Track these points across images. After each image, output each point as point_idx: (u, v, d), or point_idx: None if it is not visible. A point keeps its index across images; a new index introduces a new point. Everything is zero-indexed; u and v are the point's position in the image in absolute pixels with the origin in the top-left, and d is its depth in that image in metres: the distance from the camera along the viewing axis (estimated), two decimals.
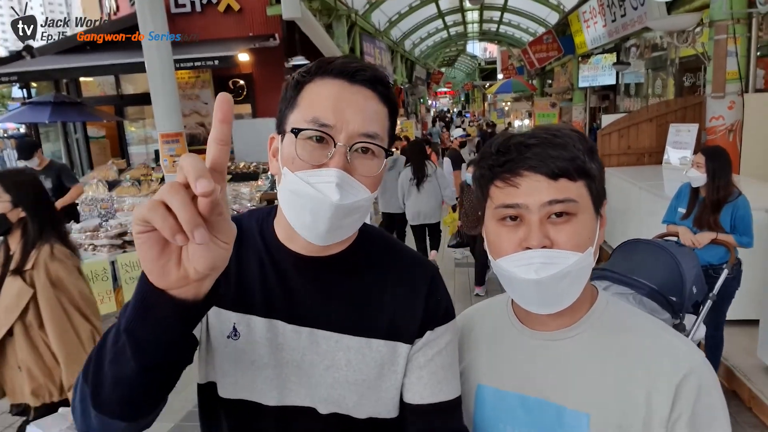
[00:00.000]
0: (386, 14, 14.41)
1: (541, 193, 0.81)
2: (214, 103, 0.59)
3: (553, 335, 0.91)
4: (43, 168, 5.46)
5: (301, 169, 0.81)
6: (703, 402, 0.80)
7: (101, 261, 4.52)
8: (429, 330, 0.91)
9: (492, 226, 0.88)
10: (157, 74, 5.56)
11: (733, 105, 5.36)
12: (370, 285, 0.91)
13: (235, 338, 0.89)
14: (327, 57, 0.89)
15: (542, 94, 18.69)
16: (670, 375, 0.81)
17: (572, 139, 0.83)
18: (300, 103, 0.84)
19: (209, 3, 9.47)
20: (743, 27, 5.28)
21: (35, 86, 10.67)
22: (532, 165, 0.81)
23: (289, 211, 0.84)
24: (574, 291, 0.85)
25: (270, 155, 0.91)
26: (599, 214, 0.87)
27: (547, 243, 0.81)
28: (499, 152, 0.85)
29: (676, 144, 5.80)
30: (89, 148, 10.65)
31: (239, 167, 8.17)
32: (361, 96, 0.84)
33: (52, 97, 8.53)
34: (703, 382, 0.81)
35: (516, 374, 0.92)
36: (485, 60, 38.17)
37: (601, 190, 0.86)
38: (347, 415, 0.89)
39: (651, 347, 0.85)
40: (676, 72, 8.79)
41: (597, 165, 0.85)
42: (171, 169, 5.81)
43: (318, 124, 0.81)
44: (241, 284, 0.90)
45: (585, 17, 10.74)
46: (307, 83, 0.85)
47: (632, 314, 0.92)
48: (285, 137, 0.85)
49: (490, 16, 19.45)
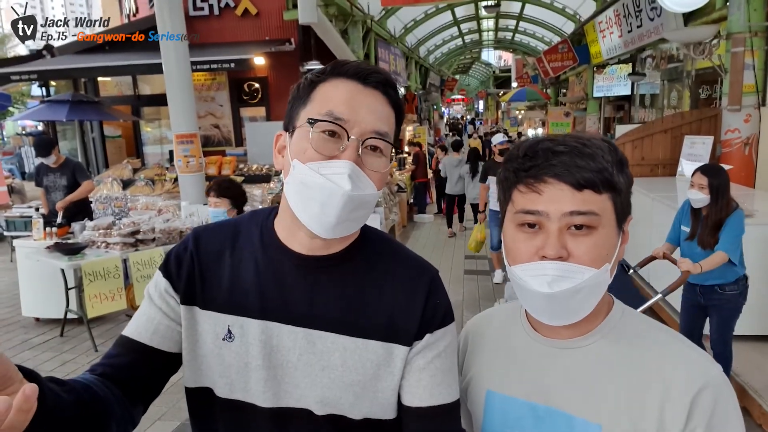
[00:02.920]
0: (402, 21, 14.46)
1: (564, 202, 0.79)
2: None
3: (566, 344, 0.89)
4: (59, 165, 5.54)
5: (312, 161, 0.83)
6: (719, 417, 0.78)
7: (114, 258, 4.57)
8: (428, 333, 0.90)
9: (510, 230, 0.86)
10: (174, 75, 5.64)
11: (749, 118, 5.30)
12: (369, 286, 0.91)
13: (229, 340, 0.89)
14: (341, 59, 0.91)
15: (556, 103, 18.60)
16: (685, 388, 0.79)
17: (602, 150, 0.81)
18: (314, 100, 0.86)
19: (227, 6, 9.58)
20: (761, 40, 5.23)
21: (54, 85, 10.85)
22: (558, 173, 0.79)
23: (297, 202, 0.85)
24: (587, 306, 0.83)
25: (275, 152, 0.93)
26: (622, 230, 0.84)
27: (564, 254, 0.79)
28: (526, 156, 0.83)
29: (690, 156, 5.75)
30: (105, 147, 10.79)
31: (252, 169, 8.22)
32: (373, 98, 0.87)
33: (70, 95, 8.68)
34: (720, 396, 0.79)
35: (527, 382, 0.91)
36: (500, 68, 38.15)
37: (626, 205, 0.84)
38: (343, 416, 0.89)
39: (666, 359, 0.83)
40: (691, 84, 8.72)
41: (625, 178, 0.83)
42: (185, 169, 5.87)
43: (333, 116, 0.83)
44: (235, 287, 0.91)
45: (601, 27, 10.70)
46: (321, 83, 0.87)
47: (648, 325, 0.90)
48: (297, 131, 0.87)
49: (505, 24, 19.45)
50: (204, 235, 0.97)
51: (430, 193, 11.40)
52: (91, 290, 4.43)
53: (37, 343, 4.80)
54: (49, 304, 5.07)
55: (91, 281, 4.42)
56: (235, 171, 8.40)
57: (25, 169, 15.95)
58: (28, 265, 5.04)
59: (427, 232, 9.42)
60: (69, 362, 4.38)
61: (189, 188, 5.92)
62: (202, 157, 6.10)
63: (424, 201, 10.80)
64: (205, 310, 0.92)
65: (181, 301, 0.92)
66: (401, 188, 9.70)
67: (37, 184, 5.79)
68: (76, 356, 4.49)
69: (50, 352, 4.60)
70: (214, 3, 9.55)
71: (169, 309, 0.92)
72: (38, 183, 5.70)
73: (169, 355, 0.92)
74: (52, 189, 5.59)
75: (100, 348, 4.59)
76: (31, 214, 6.21)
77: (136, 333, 0.91)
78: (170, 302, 0.93)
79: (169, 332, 0.92)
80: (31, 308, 5.24)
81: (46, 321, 5.24)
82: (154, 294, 0.93)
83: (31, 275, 5.11)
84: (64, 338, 4.89)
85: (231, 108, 9.83)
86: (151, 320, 0.92)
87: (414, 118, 16.59)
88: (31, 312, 5.26)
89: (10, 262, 7.47)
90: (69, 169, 5.55)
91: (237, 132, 9.98)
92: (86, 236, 4.84)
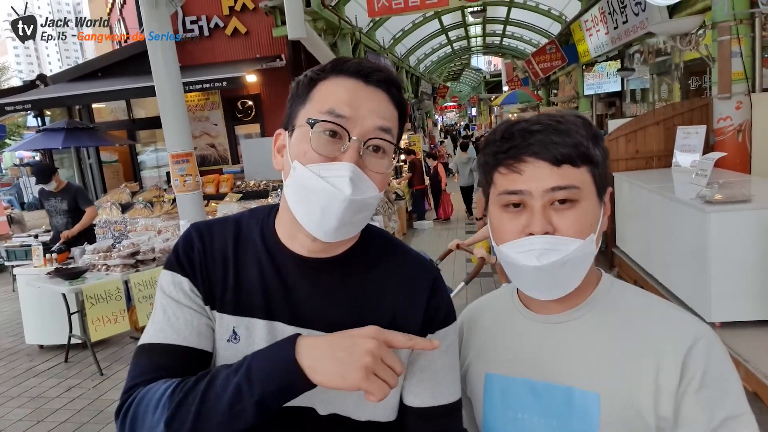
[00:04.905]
0: (390, 32, 14.56)
1: (544, 179, 0.81)
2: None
3: (558, 318, 0.91)
4: (60, 190, 5.57)
5: (313, 162, 0.80)
6: (713, 370, 0.79)
7: (114, 280, 4.57)
8: (430, 333, 0.90)
9: (495, 212, 0.88)
10: (167, 96, 5.66)
11: (740, 105, 5.32)
12: (372, 286, 0.91)
13: (235, 341, 0.88)
14: (341, 57, 0.89)
15: (548, 104, 18.69)
16: (676, 347, 0.81)
17: (576, 126, 0.83)
18: (314, 98, 0.84)
19: (216, 27, 9.66)
20: (746, 27, 5.26)
21: (49, 114, 10.91)
22: (535, 151, 0.82)
23: (298, 205, 0.83)
24: (576, 277, 0.85)
25: (274, 151, 0.91)
26: (603, 201, 0.87)
27: (550, 229, 0.81)
28: (504, 138, 0.85)
29: (684, 147, 5.76)
30: (102, 172, 10.82)
31: (249, 185, 8.24)
32: (376, 96, 0.84)
33: (65, 123, 8.73)
34: (711, 350, 0.81)
35: (523, 360, 0.92)
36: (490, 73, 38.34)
37: (605, 177, 0.86)
38: (347, 416, 0.88)
39: (657, 323, 0.85)
40: (681, 76, 8.77)
41: (601, 151, 0.85)
42: (182, 188, 5.87)
43: (334, 114, 0.80)
44: (240, 288, 0.89)
45: (587, 26, 10.78)
46: (321, 80, 0.85)
47: (636, 293, 0.92)
48: (296, 131, 0.85)
49: (492, 29, 19.58)
50: (206, 232, 0.93)
51: (428, 200, 11.42)
52: (93, 313, 4.43)
53: (41, 371, 4.78)
54: (52, 331, 5.06)
55: (93, 304, 4.41)
56: (232, 188, 8.42)
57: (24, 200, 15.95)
58: (29, 292, 5.04)
59: (427, 238, 9.43)
60: (74, 387, 4.36)
61: (187, 207, 5.91)
62: (199, 176, 6.10)
63: (422, 208, 10.82)
64: (213, 310, 0.90)
65: (204, 301, 0.90)
66: (399, 196, 9.72)
67: (39, 207, 5.87)
68: (81, 381, 4.47)
69: (55, 379, 4.58)
70: (203, 24, 9.64)
71: (199, 307, 0.89)
72: (41, 206, 5.78)
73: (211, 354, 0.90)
74: (54, 213, 5.63)
75: (105, 371, 4.57)
76: (31, 243, 6.22)
77: (180, 338, 0.85)
78: (197, 301, 0.89)
79: (209, 331, 0.89)
80: (34, 336, 5.23)
81: (50, 347, 5.22)
82: (178, 295, 0.88)
83: (33, 302, 5.11)
84: (69, 364, 4.87)
85: (226, 126, 9.88)
86: (189, 323, 0.87)
87: (408, 127, 16.66)
88: (35, 339, 5.25)
89: (12, 291, 7.47)
90: (70, 194, 5.58)
91: (233, 150, 10.02)
92: (86, 260, 4.84)
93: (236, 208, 6.94)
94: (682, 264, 4.16)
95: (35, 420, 3.86)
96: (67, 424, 3.76)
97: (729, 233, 3.64)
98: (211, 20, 9.64)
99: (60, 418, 3.85)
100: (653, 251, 4.84)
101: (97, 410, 3.93)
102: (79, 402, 4.09)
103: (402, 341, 0.77)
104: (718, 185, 3.90)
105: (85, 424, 3.75)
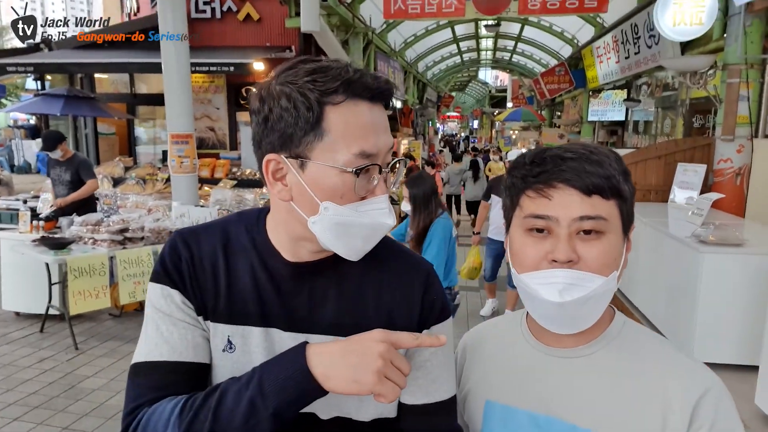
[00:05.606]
0: (402, 35, 14.57)
1: (573, 207, 0.80)
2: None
3: (568, 352, 0.90)
4: (66, 160, 5.50)
5: (351, 202, 0.80)
6: (721, 422, 0.79)
7: (100, 255, 4.51)
8: (426, 329, 0.90)
9: (518, 235, 0.87)
10: (174, 75, 5.61)
11: (742, 149, 5.37)
12: (366, 286, 0.90)
13: (230, 351, 0.87)
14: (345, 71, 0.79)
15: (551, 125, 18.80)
16: (686, 395, 0.80)
17: (609, 158, 0.83)
18: (332, 131, 0.78)
19: (229, 11, 9.60)
20: (756, 72, 5.32)
21: (50, 79, 10.77)
22: (567, 178, 0.81)
23: (335, 240, 0.82)
24: (596, 314, 0.84)
25: (269, 178, 0.83)
26: (627, 238, 0.86)
27: (574, 257, 0.80)
28: (534, 163, 0.85)
29: (682, 183, 5.79)
30: (98, 144, 10.70)
31: (245, 174, 8.19)
32: (381, 114, 0.84)
33: (66, 90, 8.61)
34: (721, 402, 0.80)
35: (527, 391, 0.91)
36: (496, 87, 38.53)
37: (631, 214, 0.86)
38: (349, 418, 0.88)
39: (668, 369, 0.84)
40: (685, 112, 8.84)
41: (630, 188, 0.85)
42: (178, 170, 5.82)
43: (366, 155, 0.79)
44: (233, 296, 0.87)
45: (598, 52, 10.85)
46: (330, 104, 0.78)
47: (648, 336, 0.92)
48: (316, 168, 0.79)
49: (504, 44, 19.66)
50: (193, 240, 0.90)
51: None
52: (75, 286, 4.36)
53: (15, 338, 4.70)
54: (30, 299, 4.98)
55: (76, 277, 4.34)
56: (228, 175, 8.36)
57: (14, 162, 15.76)
58: (12, 257, 4.95)
59: None
60: (47, 359, 4.29)
61: (181, 189, 5.86)
62: (197, 158, 6.05)
63: None
64: (206, 321, 0.88)
65: (196, 312, 0.88)
66: (394, 201, 9.71)
67: (47, 174, 5.82)
68: (55, 353, 4.40)
69: (29, 348, 4.50)
70: (216, 6, 9.57)
71: (193, 320, 0.87)
72: (48, 174, 5.71)
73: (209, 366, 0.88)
74: (57, 183, 5.58)
75: (80, 346, 4.50)
76: (18, 207, 6.12)
77: (177, 354, 0.83)
78: (190, 313, 0.87)
79: (205, 343, 0.87)
80: (12, 302, 5.15)
81: (27, 316, 5.14)
82: (170, 309, 0.86)
83: (14, 268, 5.02)
84: (44, 334, 4.80)
85: (228, 111, 9.80)
86: (183, 337, 0.85)
87: (410, 132, 16.65)
88: (12, 306, 5.16)
89: None
90: (74, 165, 5.51)
91: (232, 136, 9.94)
92: (74, 231, 4.77)
93: (230, 194, 6.89)
94: (668, 299, 4.18)
95: (4, 388, 3.79)
96: (36, 396, 3.69)
97: (720, 275, 3.67)
98: (224, 3, 9.58)
99: (29, 389, 3.78)
100: (640, 283, 4.85)
101: (69, 385, 3.86)
102: (51, 374, 4.02)
103: (409, 341, 0.78)
104: (713, 226, 3.91)
105: (55, 397, 3.68)
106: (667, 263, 4.16)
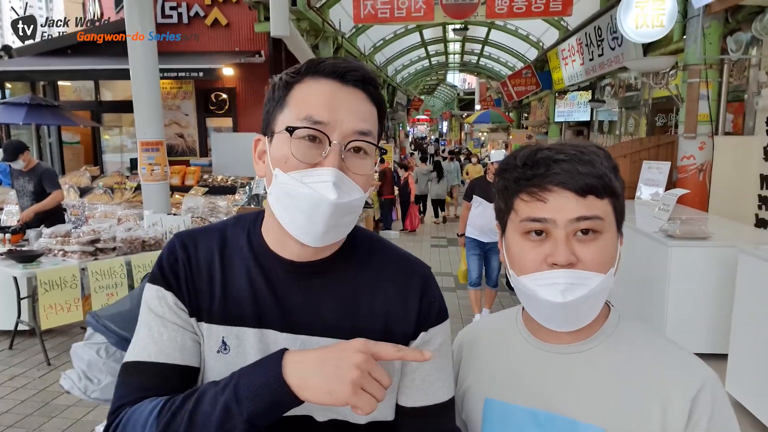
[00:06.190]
0: (371, 39, 14.62)
1: (569, 209, 0.81)
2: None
3: (566, 348, 0.91)
4: (28, 170, 5.33)
5: (294, 169, 0.80)
6: (718, 416, 0.81)
7: (71, 267, 4.38)
8: (423, 331, 0.90)
9: (515, 239, 0.87)
10: (142, 81, 5.51)
11: (703, 146, 5.58)
12: (363, 287, 0.90)
13: (225, 352, 0.86)
14: (316, 57, 0.87)
15: (519, 126, 19.11)
16: (684, 388, 0.82)
17: (599, 157, 0.84)
18: (290, 103, 0.82)
19: (197, 15, 9.49)
20: (715, 72, 5.54)
21: (10, 87, 10.43)
22: (561, 180, 0.81)
23: (283, 213, 0.82)
24: (594, 310, 0.85)
25: (255, 157, 0.89)
26: (620, 234, 0.88)
27: (573, 260, 0.81)
28: (526, 165, 0.84)
29: (648, 181, 5.99)
30: (62, 153, 10.42)
31: (217, 180, 8.08)
32: (353, 96, 0.83)
33: (28, 98, 8.35)
34: (717, 396, 0.83)
35: (526, 388, 0.91)
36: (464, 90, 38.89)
37: (623, 209, 0.87)
38: (345, 420, 0.87)
39: (664, 361, 0.86)
40: (648, 112, 9.13)
41: (620, 183, 0.86)
42: (149, 178, 5.72)
43: (312, 121, 0.80)
44: (228, 297, 0.87)
45: (564, 55, 11.10)
46: (296, 83, 0.83)
47: (643, 329, 0.93)
48: (276, 137, 0.83)
49: (471, 48, 19.91)
50: (191, 242, 0.91)
51: (396, 210, 11.45)
52: (45, 300, 4.23)
53: None
54: None
55: (46, 291, 4.21)
56: (199, 182, 8.23)
57: None
58: None
59: None
60: (19, 376, 4.15)
61: (153, 197, 5.75)
62: (168, 166, 5.95)
63: (390, 218, 10.82)
64: (200, 322, 0.88)
65: (190, 314, 0.88)
66: (368, 204, 9.72)
67: (11, 186, 5.64)
68: (27, 370, 4.26)
69: None
70: (183, 11, 9.45)
71: (185, 322, 0.87)
72: (12, 185, 5.54)
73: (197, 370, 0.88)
74: (21, 194, 5.41)
75: (53, 361, 4.37)
76: None
77: (164, 355, 0.84)
78: (182, 315, 0.87)
79: (195, 346, 0.87)
80: None
81: None
82: (163, 311, 0.86)
83: None
84: (14, 351, 4.64)
85: (197, 117, 9.68)
86: (173, 339, 0.85)
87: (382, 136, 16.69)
88: None
89: None
90: (37, 175, 5.34)
91: (202, 142, 9.82)
92: (42, 243, 4.62)
93: (202, 201, 6.79)
94: (638, 293, 4.31)
95: None
96: (9, 415, 3.57)
97: (688, 268, 3.80)
98: (191, 8, 9.46)
99: (1, 408, 3.66)
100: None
101: (43, 402, 3.75)
102: (23, 392, 3.89)
103: (391, 353, 0.76)
104: (680, 221, 4.06)
105: (29, 416, 3.56)
106: (636, 258, 4.29)
